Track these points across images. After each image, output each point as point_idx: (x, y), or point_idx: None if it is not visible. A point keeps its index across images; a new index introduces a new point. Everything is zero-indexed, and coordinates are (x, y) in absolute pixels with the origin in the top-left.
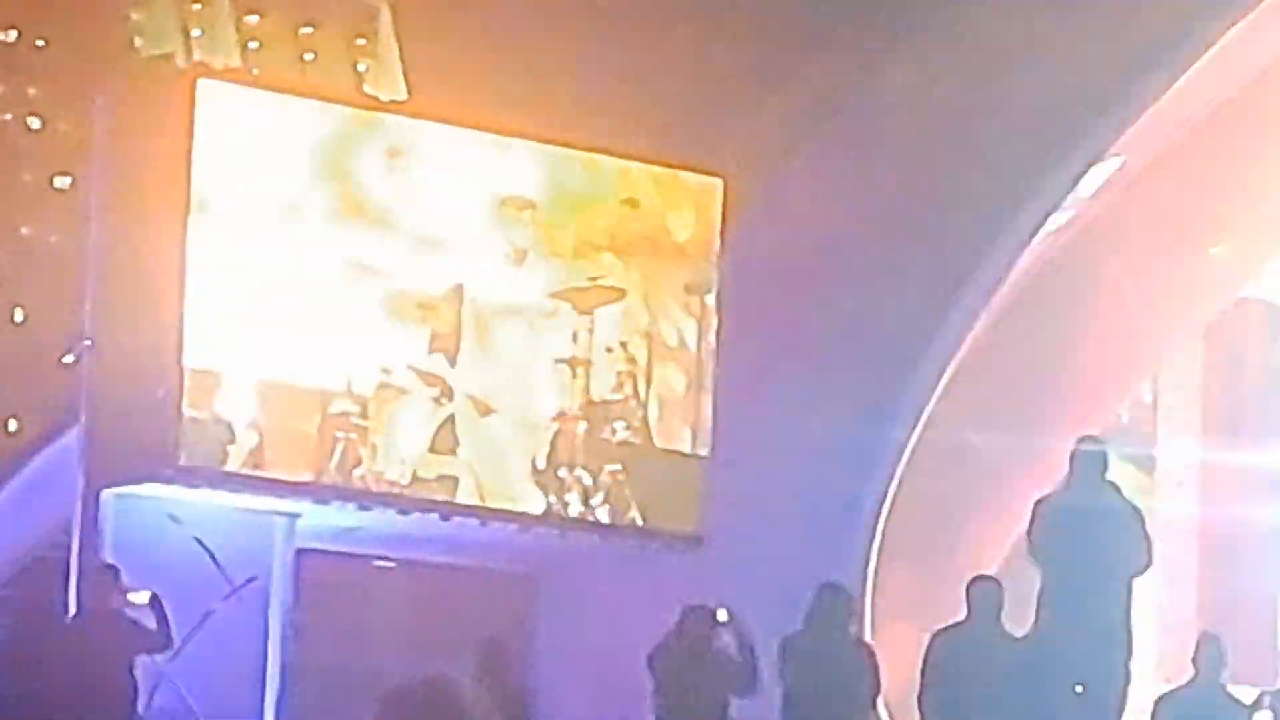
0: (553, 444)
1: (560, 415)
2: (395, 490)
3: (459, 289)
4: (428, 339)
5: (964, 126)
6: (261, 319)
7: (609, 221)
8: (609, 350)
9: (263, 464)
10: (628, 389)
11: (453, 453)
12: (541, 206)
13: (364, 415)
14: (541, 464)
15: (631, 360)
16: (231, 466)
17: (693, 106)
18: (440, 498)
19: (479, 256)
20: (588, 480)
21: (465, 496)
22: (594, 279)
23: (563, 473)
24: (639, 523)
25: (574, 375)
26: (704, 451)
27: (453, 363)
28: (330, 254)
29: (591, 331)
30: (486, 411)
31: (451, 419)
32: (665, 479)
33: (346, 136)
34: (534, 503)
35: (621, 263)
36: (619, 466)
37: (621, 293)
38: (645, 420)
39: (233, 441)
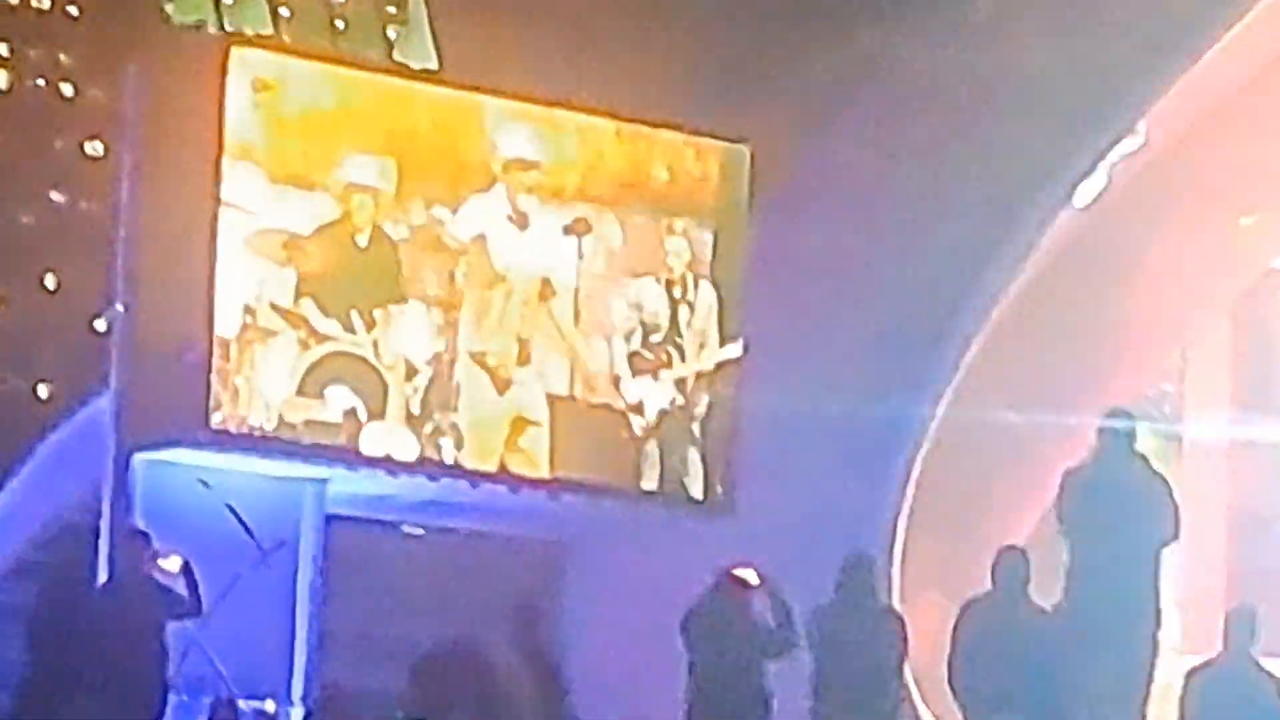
0: (428, 389)
1: (436, 358)
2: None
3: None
4: (295, 280)
5: (992, 100)
6: None
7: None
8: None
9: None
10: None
11: (320, 397)
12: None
13: (225, 357)
14: (417, 409)
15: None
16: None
17: (722, 75)
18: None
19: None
20: (462, 427)
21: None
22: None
23: (437, 417)
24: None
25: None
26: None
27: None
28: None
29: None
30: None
31: (321, 362)
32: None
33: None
34: (407, 450)
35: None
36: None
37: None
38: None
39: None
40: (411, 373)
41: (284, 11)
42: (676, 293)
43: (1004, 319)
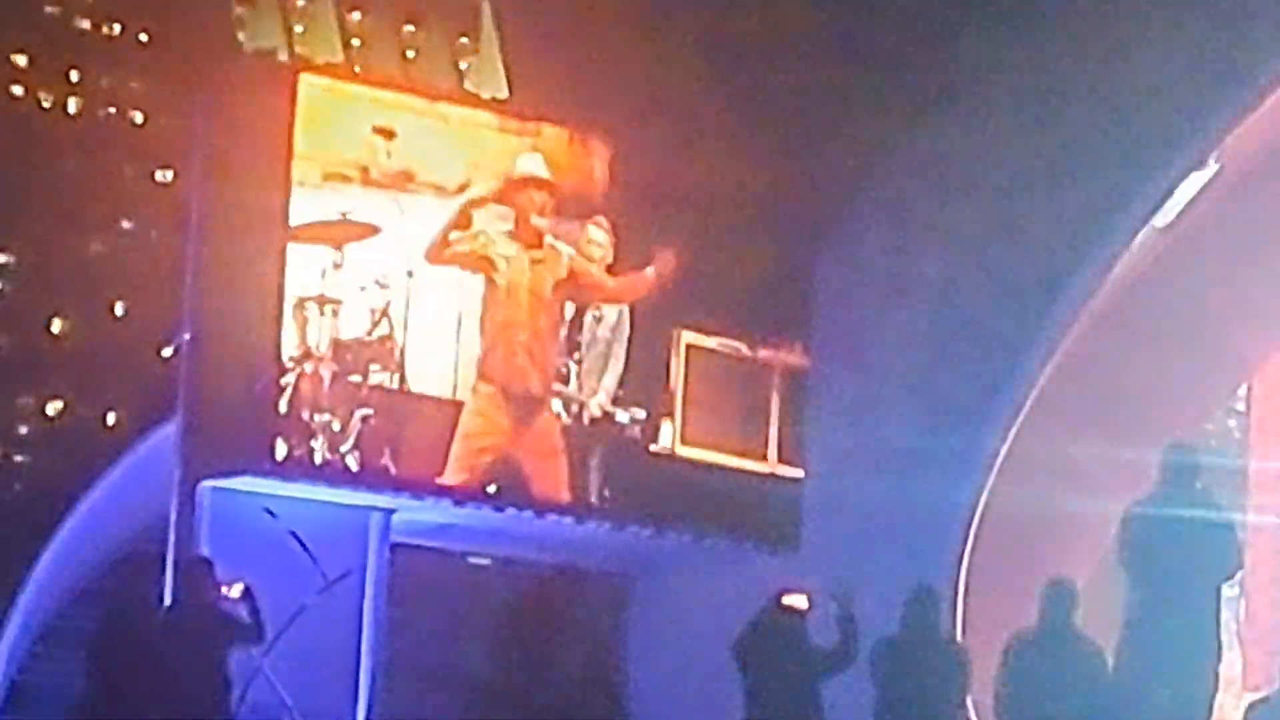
0: (295, 387)
1: (305, 356)
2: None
3: None
4: None
5: (1065, 127)
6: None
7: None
8: (363, 289)
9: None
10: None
11: None
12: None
13: None
14: (283, 408)
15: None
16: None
17: (789, 113)
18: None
19: None
20: (336, 426)
21: None
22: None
23: (305, 415)
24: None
25: (321, 314)
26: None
27: None
28: None
29: (340, 267)
30: None
31: None
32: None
33: None
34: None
35: None
36: (370, 411)
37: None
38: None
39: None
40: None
41: (355, 41)
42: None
43: (1071, 351)
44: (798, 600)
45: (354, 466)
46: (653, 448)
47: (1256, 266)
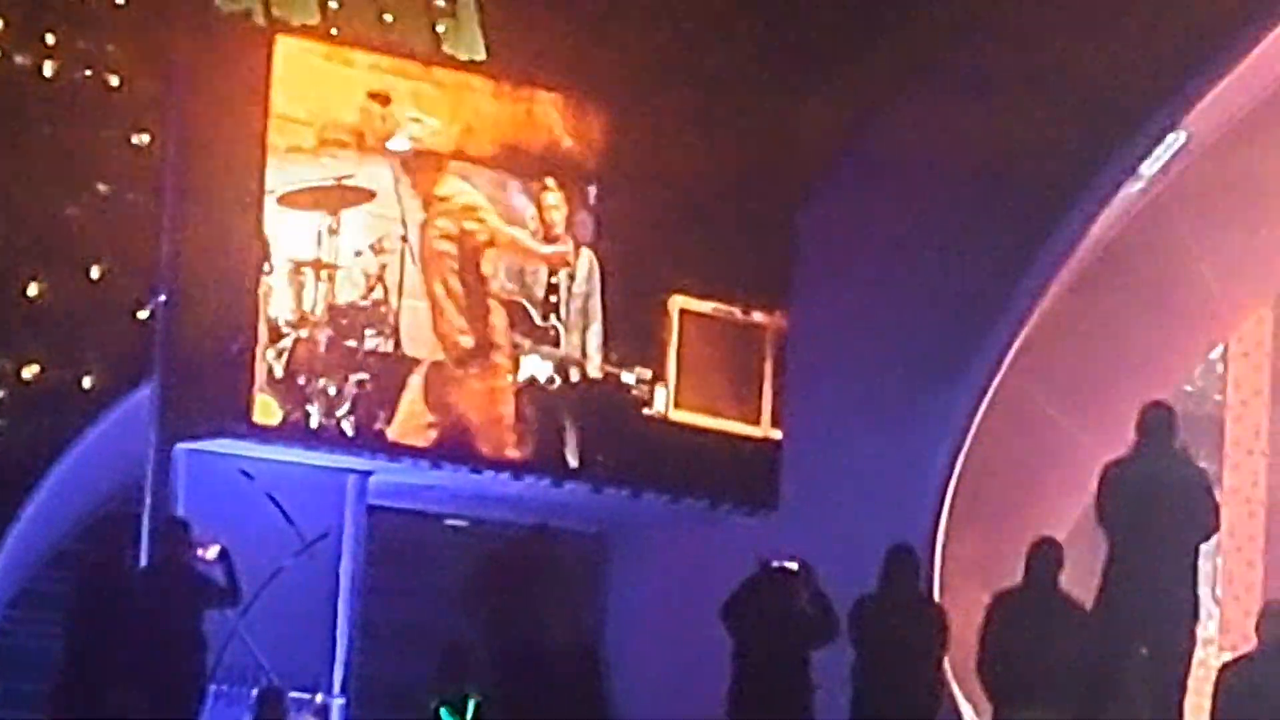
0: (291, 352)
1: (300, 321)
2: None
3: None
4: None
5: (1035, 95)
6: None
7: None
8: (358, 254)
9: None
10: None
11: None
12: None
13: None
14: (280, 372)
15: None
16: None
17: (764, 75)
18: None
19: None
20: (332, 391)
21: None
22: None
23: (301, 380)
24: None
25: (318, 279)
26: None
27: None
28: None
29: (335, 233)
30: None
31: None
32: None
33: None
34: (271, 414)
35: None
36: (365, 376)
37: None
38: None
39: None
40: (276, 336)
41: (331, 3)
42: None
43: (1047, 314)
44: (785, 566)
45: (349, 431)
46: (646, 412)
47: (1231, 227)
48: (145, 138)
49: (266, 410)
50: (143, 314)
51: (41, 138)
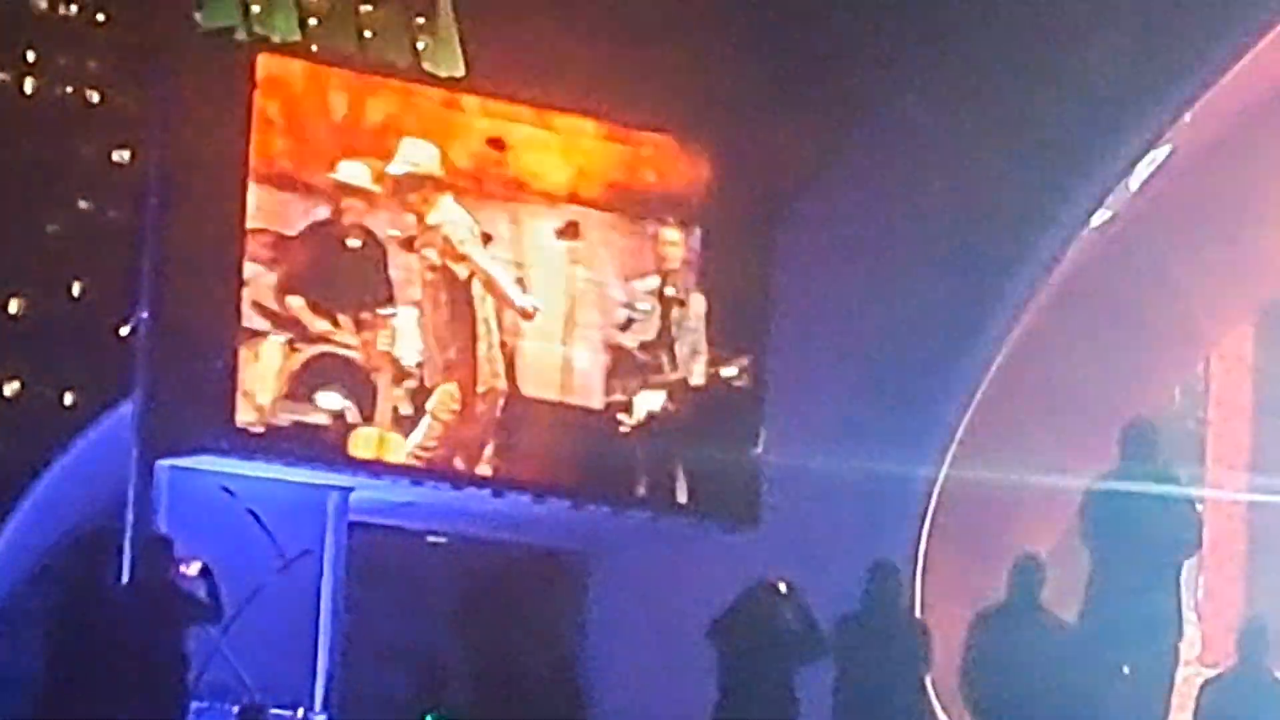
0: (418, 391)
1: (427, 361)
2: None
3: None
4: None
5: (1019, 114)
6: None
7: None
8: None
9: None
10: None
11: (309, 399)
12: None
13: None
14: (407, 410)
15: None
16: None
17: (738, 91)
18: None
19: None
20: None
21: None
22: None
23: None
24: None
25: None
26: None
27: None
28: None
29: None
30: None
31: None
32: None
33: None
34: (398, 452)
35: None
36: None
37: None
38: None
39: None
40: (401, 376)
41: (312, 20)
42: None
43: (1029, 329)
44: (774, 585)
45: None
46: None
47: (1212, 243)
48: (126, 154)
49: (377, 445)
50: (124, 330)
51: (22, 154)
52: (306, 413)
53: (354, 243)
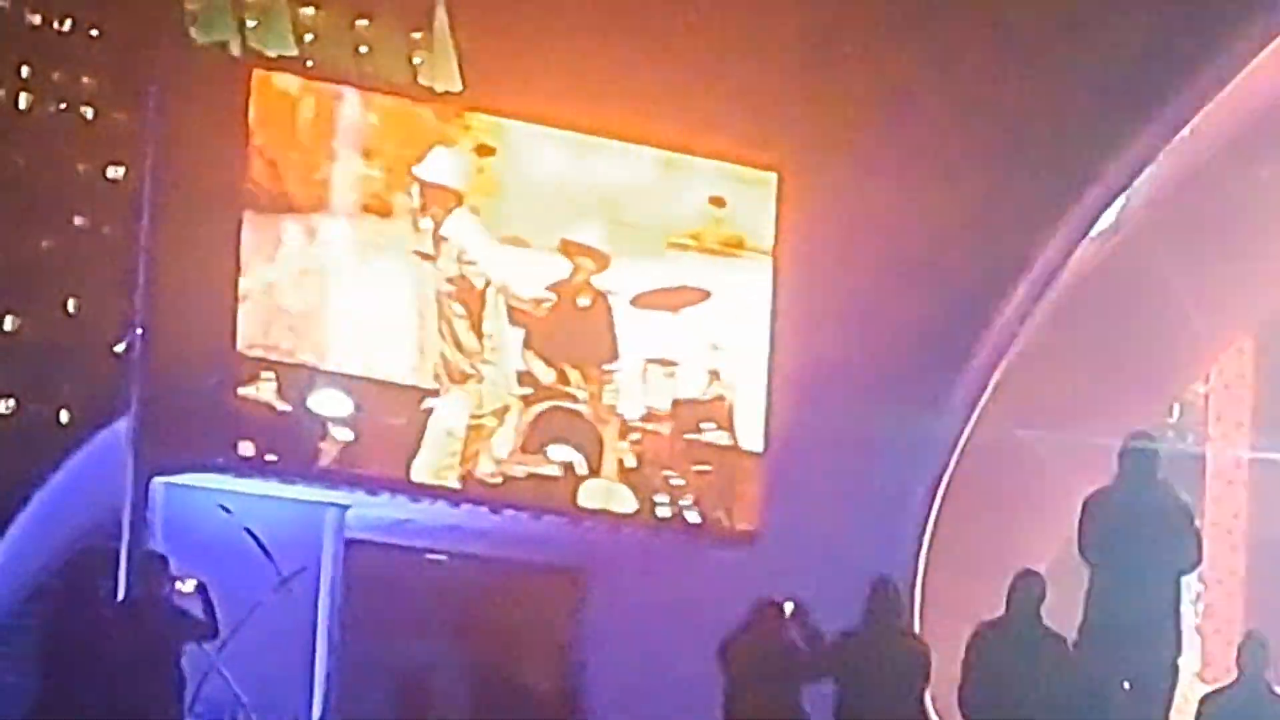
0: (642, 443)
1: (649, 415)
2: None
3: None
4: (522, 337)
5: (1024, 120)
6: (352, 315)
7: (694, 221)
8: (697, 350)
9: (356, 461)
10: (715, 389)
11: (541, 452)
12: (626, 205)
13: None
14: (631, 463)
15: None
16: (324, 463)
17: (745, 99)
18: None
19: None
20: (677, 481)
21: (557, 496)
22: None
23: (649, 471)
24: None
25: (665, 375)
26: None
27: (547, 362)
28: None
29: (678, 331)
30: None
31: (542, 417)
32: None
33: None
34: (625, 503)
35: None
36: (708, 467)
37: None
38: (730, 421)
39: (325, 438)
40: (626, 429)
41: (308, 36)
42: None
43: (1028, 344)
44: (782, 607)
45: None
46: None
47: (1212, 259)
48: (121, 171)
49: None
50: (119, 347)
51: (16, 171)
52: (539, 464)
53: (584, 301)
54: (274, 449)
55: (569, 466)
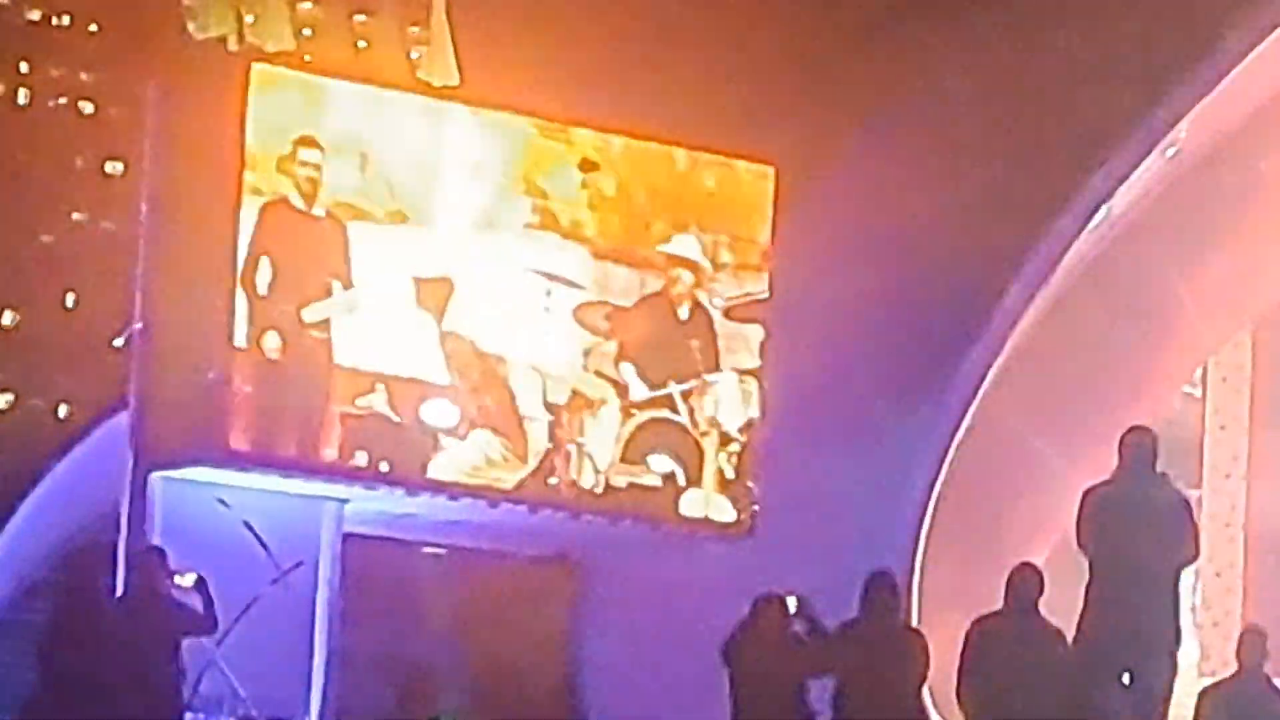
0: (741, 454)
1: (748, 425)
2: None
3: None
4: (616, 349)
5: (1020, 115)
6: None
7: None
8: None
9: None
10: None
11: (643, 462)
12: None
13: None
14: (730, 473)
15: None
16: (434, 474)
17: (743, 93)
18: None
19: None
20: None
21: (657, 506)
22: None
23: (751, 483)
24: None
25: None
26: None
27: (641, 373)
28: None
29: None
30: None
31: (642, 429)
32: None
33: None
34: (724, 513)
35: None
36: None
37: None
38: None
39: (437, 448)
40: (726, 440)
41: (306, 31)
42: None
43: (1026, 338)
44: (785, 602)
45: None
46: None
47: (1209, 251)
48: (119, 166)
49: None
50: (118, 342)
51: (15, 165)
52: (640, 475)
53: (683, 312)
54: (387, 458)
55: (669, 477)
